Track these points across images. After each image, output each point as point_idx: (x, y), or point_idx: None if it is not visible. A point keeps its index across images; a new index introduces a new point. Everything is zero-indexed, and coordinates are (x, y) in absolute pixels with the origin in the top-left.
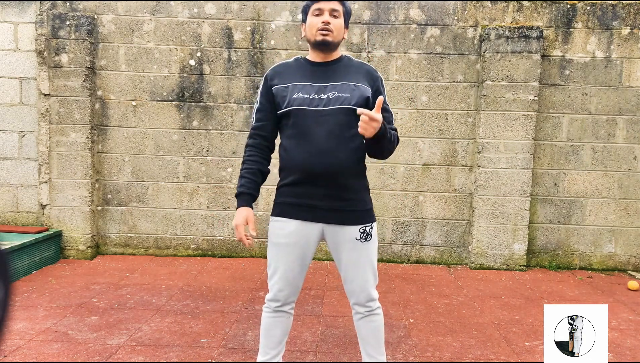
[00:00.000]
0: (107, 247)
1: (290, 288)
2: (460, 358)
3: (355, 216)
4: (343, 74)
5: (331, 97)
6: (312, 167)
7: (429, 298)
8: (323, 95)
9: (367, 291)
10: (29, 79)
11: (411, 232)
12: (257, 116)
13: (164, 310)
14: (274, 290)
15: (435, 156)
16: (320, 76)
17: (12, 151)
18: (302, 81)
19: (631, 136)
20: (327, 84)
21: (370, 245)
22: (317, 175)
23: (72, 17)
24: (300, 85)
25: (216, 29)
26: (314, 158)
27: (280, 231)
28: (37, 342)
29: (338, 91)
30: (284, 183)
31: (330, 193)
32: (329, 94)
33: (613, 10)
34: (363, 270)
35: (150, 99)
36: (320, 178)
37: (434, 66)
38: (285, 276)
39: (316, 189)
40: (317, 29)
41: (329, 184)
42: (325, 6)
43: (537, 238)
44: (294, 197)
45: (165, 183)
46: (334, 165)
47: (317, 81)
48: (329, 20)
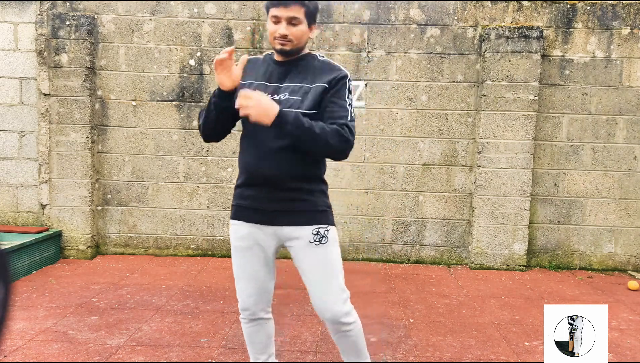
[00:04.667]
0: (107, 247)
1: (258, 293)
2: (460, 358)
3: (305, 218)
4: (302, 74)
5: (282, 99)
6: (258, 170)
7: (428, 298)
8: (276, 96)
9: (333, 310)
10: (29, 79)
11: (411, 232)
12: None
13: (164, 310)
14: (242, 296)
15: (435, 156)
16: (278, 76)
17: (12, 151)
18: (260, 79)
19: (631, 136)
20: (282, 85)
21: (328, 249)
22: (263, 178)
23: (72, 17)
24: (256, 84)
25: (216, 29)
26: (261, 161)
27: (235, 234)
28: (37, 342)
29: (290, 93)
30: (237, 185)
31: (276, 196)
32: (281, 95)
33: (613, 10)
34: (323, 279)
35: (150, 99)
36: (266, 181)
37: (434, 66)
38: (250, 280)
39: (262, 192)
40: (274, 38)
41: (275, 188)
42: (283, 14)
43: (537, 238)
44: (244, 199)
45: (165, 183)
46: (279, 168)
47: (273, 81)
48: (285, 33)
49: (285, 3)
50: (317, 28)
